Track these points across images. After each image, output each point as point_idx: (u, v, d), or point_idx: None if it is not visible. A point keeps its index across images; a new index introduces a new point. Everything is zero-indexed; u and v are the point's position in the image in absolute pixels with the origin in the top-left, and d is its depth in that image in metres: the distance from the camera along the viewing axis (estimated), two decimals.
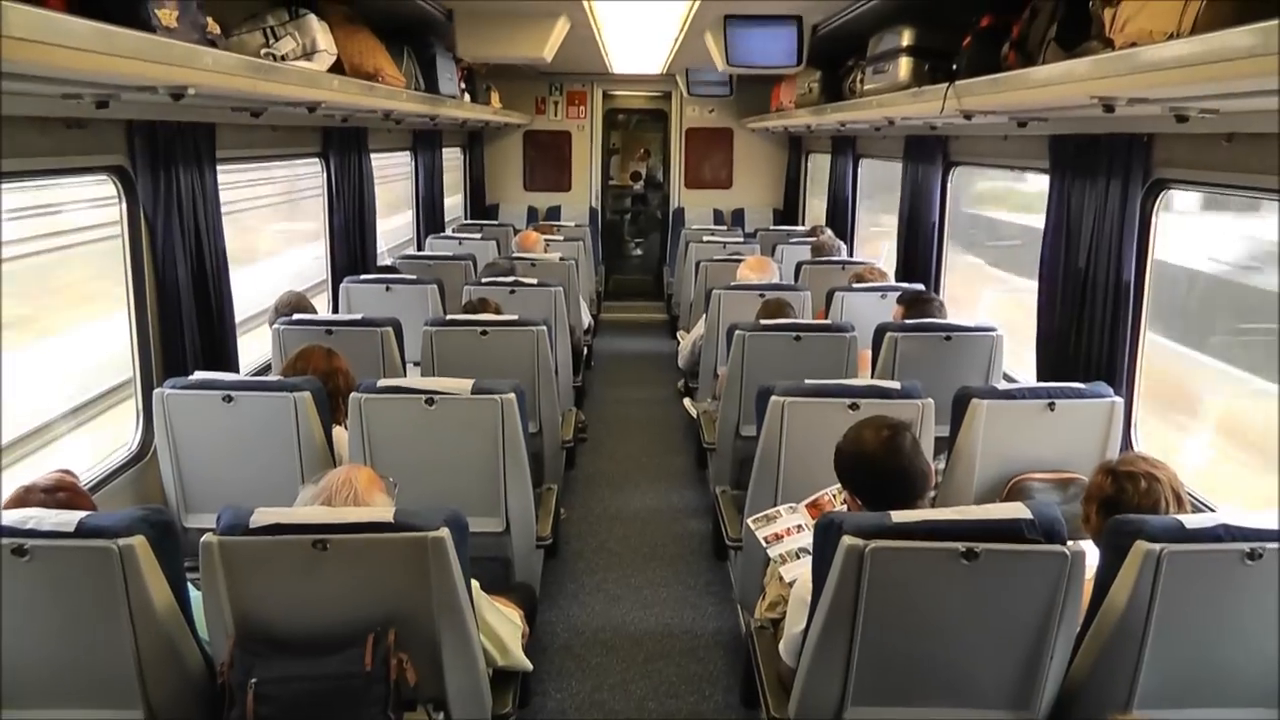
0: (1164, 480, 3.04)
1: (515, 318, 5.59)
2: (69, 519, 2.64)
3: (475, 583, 3.02)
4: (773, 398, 4.17)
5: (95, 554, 2.61)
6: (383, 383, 4.18)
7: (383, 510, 2.82)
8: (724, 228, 12.34)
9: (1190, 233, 5.02)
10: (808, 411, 4.14)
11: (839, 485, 3.37)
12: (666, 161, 13.97)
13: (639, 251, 14.98)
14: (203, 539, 2.70)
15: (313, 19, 4.69)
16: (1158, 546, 2.60)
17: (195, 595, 2.91)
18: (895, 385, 4.17)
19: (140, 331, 4.52)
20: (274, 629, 2.77)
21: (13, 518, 2.65)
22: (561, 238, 10.32)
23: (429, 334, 5.39)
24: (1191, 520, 2.67)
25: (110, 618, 2.67)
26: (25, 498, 2.96)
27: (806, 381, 4.23)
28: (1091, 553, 2.78)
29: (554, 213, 13.25)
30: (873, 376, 5.21)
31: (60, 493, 3.03)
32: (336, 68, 4.94)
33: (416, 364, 5.61)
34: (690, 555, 6.15)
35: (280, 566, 2.72)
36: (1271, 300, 4.66)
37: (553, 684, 4.71)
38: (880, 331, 5.19)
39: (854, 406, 4.05)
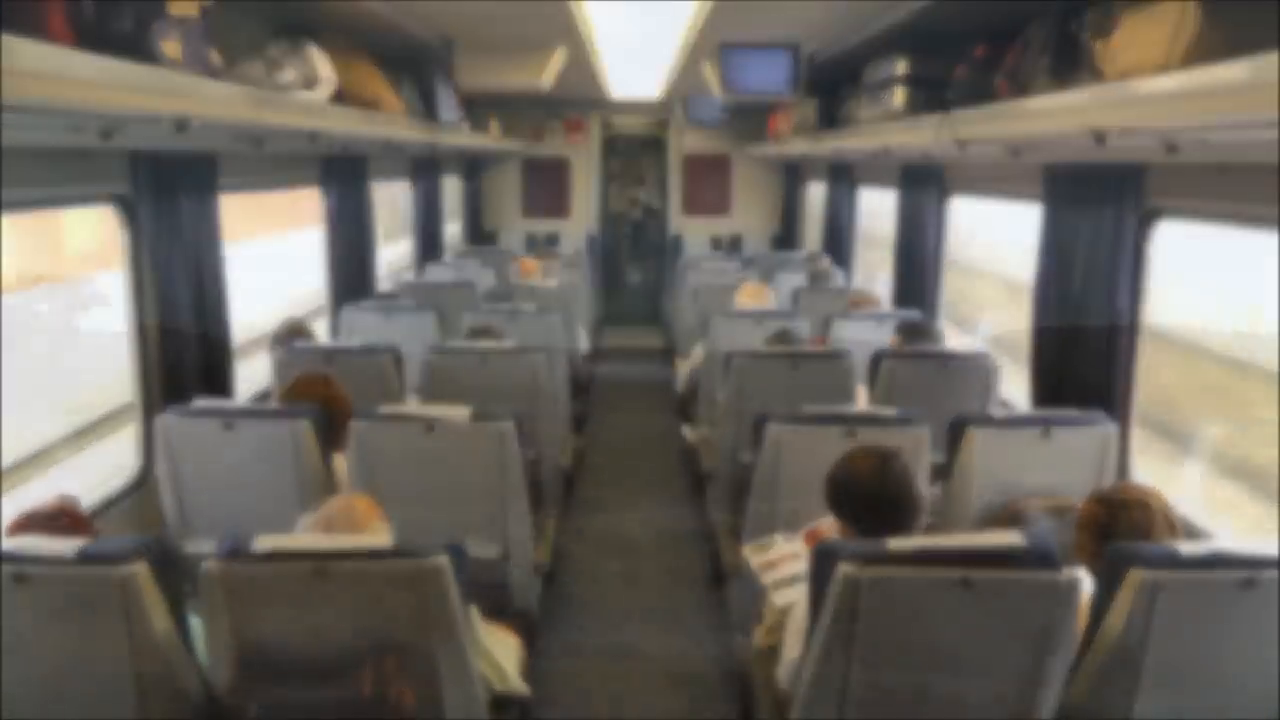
0: (1157, 508, 3.06)
1: (515, 345, 5.62)
2: (70, 546, 2.66)
3: (474, 609, 3.04)
4: (769, 425, 4.19)
5: (96, 581, 2.63)
6: (382, 410, 4.21)
7: (382, 537, 2.84)
8: (722, 254, 12.38)
9: None
10: (804, 439, 4.16)
11: None
12: (664, 188, 14.02)
13: (637, 278, 15.01)
14: (203, 565, 2.71)
15: (313, 49, 4.74)
16: (1152, 574, 2.62)
17: (195, 621, 2.92)
18: (891, 413, 4.19)
19: (142, 358, 4.55)
20: (274, 655, 2.78)
21: (14, 545, 2.67)
22: (560, 264, 10.36)
23: (429, 361, 5.41)
24: (1186, 548, 2.69)
25: (110, 644, 2.68)
26: (27, 525, 2.98)
27: (804, 409, 4.25)
28: (1086, 580, 2.80)
29: (553, 239, 13.30)
30: (870, 403, 5.23)
31: (61, 519, 3.05)
32: (337, 97, 4.98)
33: (416, 391, 5.63)
34: (688, 581, 6.16)
35: (280, 593, 2.74)
36: None
37: (550, 710, 4.71)
38: (877, 358, 5.22)
39: (851, 434, 4.07)
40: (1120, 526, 3.02)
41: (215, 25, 3.55)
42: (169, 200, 4.43)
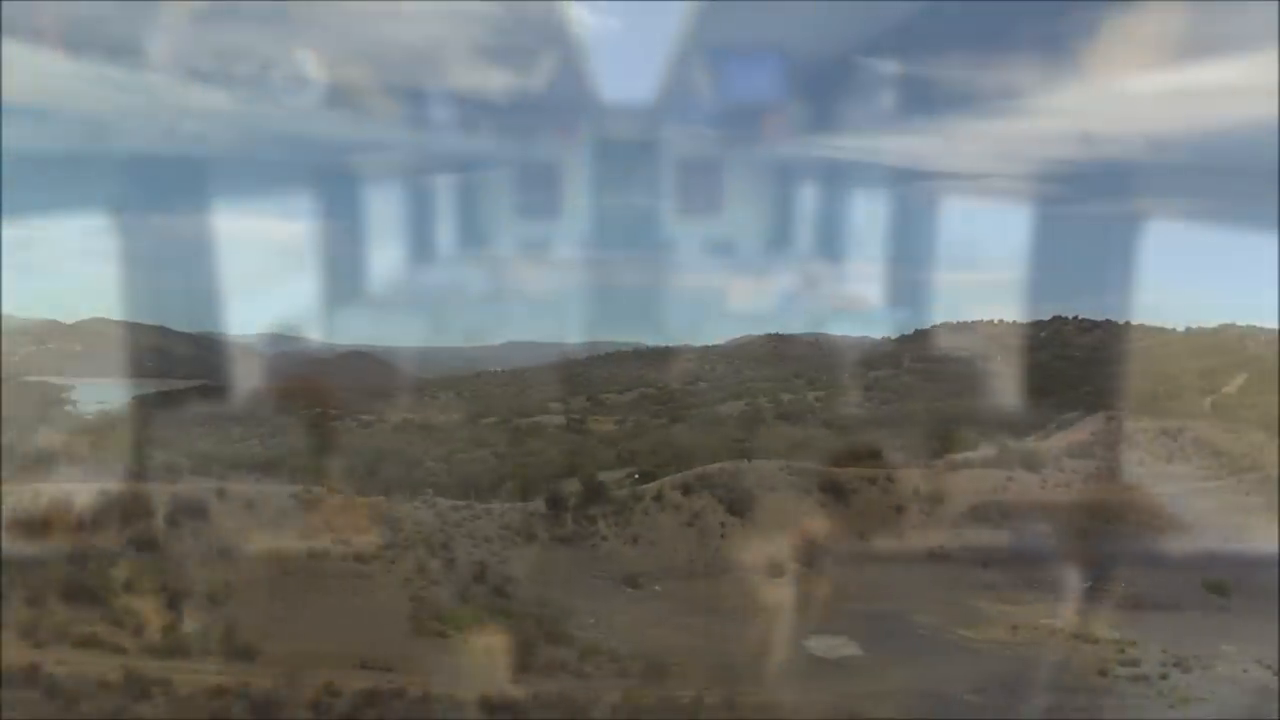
0: (1148, 509, 3.08)
1: (509, 341, 5.63)
2: (60, 548, 2.66)
3: (468, 609, 3.04)
4: (759, 424, 4.20)
5: (89, 581, 2.63)
6: (373, 410, 4.21)
7: (374, 536, 2.84)
8: (714, 254, 12.40)
9: None
10: (793, 439, 4.17)
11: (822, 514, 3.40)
12: (658, 190, 14.02)
13: (629, 277, 15.00)
14: (197, 565, 2.72)
15: (305, 51, 4.74)
16: (1142, 572, 2.63)
17: (189, 621, 2.92)
18: (882, 411, 4.20)
19: (136, 361, 4.54)
20: (266, 656, 2.78)
21: (6, 545, 2.67)
22: (553, 266, 10.37)
23: (421, 362, 5.42)
24: (1174, 547, 2.70)
25: (104, 645, 2.68)
26: (18, 528, 2.98)
27: (794, 408, 4.26)
28: (1076, 578, 2.81)
29: (546, 241, 13.30)
30: (861, 402, 5.25)
31: (51, 523, 3.05)
32: (329, 98, 4.98)
33: (406, 391, 5.63)
34: (684, 575, 6.17)
35: (272, 594, 2.74)
36: None
37: (542, 711, 4.70)
38: (868, 360, 5.24)
39: (842, 434, 4.08)
40: (1111, 527, 3.04)
41: (207, 27, 3.55)
42: (161, 205, 4.44)
